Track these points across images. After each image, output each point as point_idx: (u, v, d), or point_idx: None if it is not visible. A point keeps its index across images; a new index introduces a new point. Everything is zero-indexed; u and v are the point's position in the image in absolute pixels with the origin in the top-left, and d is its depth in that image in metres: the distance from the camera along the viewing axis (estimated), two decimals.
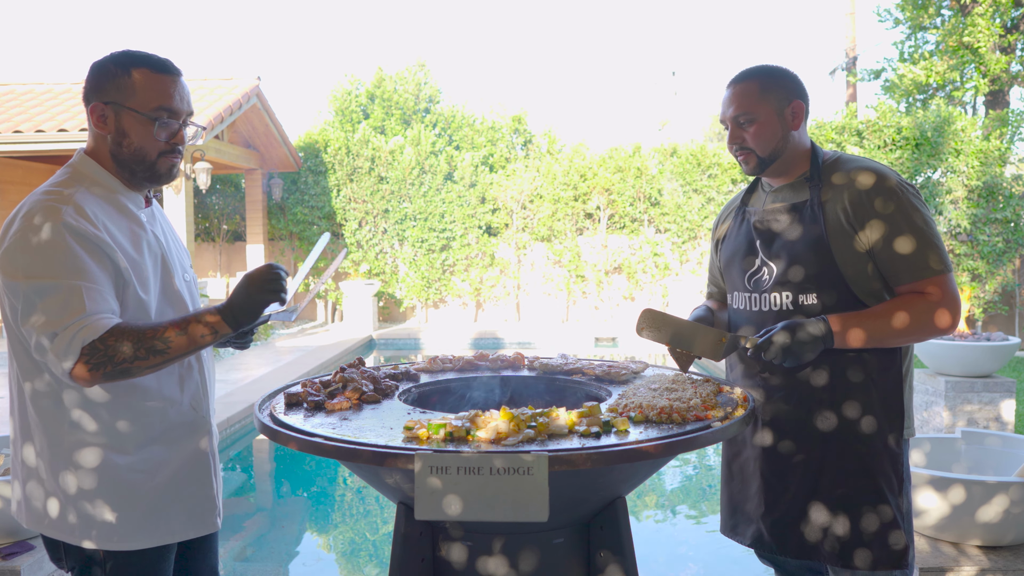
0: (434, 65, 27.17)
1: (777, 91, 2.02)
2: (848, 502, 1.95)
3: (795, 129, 2.04)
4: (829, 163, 2.04)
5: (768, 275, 2.05)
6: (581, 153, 13.65)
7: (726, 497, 2.21)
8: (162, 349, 1.56)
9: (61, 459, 1.66)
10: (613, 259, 13.39)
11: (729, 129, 2.07)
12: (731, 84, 2.07)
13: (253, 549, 4.34)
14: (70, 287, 1.52)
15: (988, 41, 14.30)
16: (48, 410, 1.66)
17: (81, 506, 1.66)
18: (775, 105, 2.02)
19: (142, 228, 1.75)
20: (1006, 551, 2.64)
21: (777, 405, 2.03)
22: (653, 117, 44.19)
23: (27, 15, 77.77)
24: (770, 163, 2.05)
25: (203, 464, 1.83)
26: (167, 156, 1.73)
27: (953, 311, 1.88)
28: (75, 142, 9.25)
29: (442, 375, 2.34)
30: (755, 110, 2.01)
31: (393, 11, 77.60)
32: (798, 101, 2.03)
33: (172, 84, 1.72)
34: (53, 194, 1.63)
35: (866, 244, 1.92)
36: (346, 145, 13.55)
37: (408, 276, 13.50)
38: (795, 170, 2.07)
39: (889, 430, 1.95)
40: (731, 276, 2.18)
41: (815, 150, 2.06)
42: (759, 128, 2.01)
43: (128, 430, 1.69)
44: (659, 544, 4.31)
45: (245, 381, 7.77)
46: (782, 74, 2.05)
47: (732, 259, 2.17)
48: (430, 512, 1.48)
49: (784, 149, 2.03)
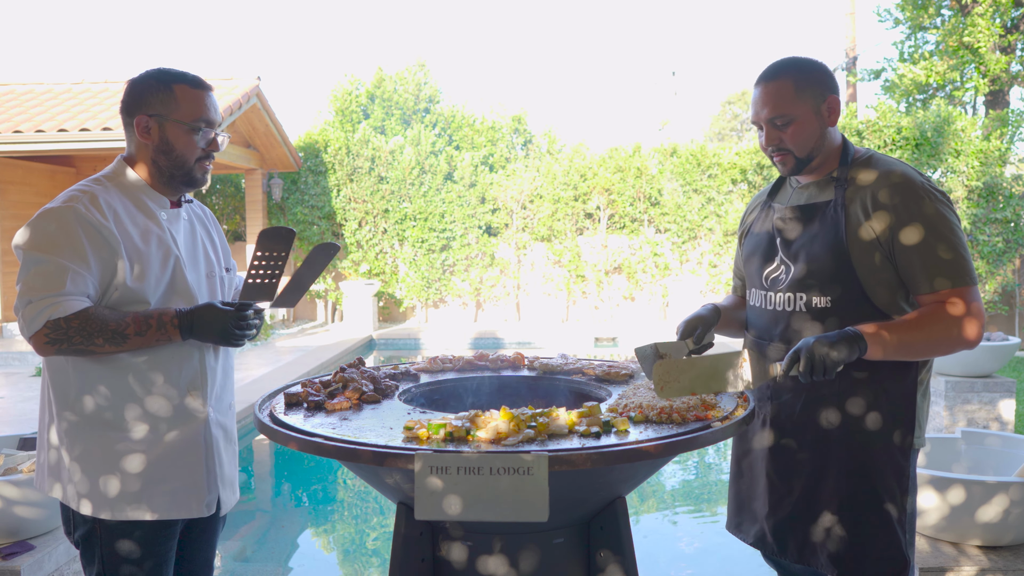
0: (434, 65, 27.19)
1: (813, 88, 1.92)
2: (849, 509, 1.90)
3: (831, 125, 1.96)
4: (860, 161, 1.96)
5: (785, 274, 1.99)
6: (581, 153, 13.65)
7: (733, 494, 2.17)
8: (119, 341, 1.74)
9: (66, 430, 1.83)
10: (613, 259, 13.39)
11: (764, 130, 1.97)
12: (761, 82, 1.96)
13: (253, 549, 4.34)
14: (57, 265, 1.72)
15: (988, 41, 14.30)
16: (59, 384, 1.84)
17: (80, 476, 1.82)
18: (812, 103, 1.92)
19: (159, 226, 1.90)
20: (1006, 551, 2.64)
21: (786, 405, 1.99)
22: (653, 117, 44.23)
23: (27, 15, 77.81)
24: (808, 163, 1.96)
25: (195, 449, 1.90)
26: (203, 162, 1.94)
27: (979, 325, 1.80)
28: (75, 142, 9.26)
29: (442, 375, 2.34)
30: (792, 110, 1.91)
31: (393, 11, 77.62)
32: (833, 96, 1.94)
33: (207, 98, 1.94)
34: (78, 188, 1.84)
35: (887, 250, 1.85)
36: (346, 145, 13.55)
37: (408, 276, 13.50)
38: (825, 167, 1.99)
39: (897, 438, 1.89)
40: (750, 272, 2.13)
41: (846, 146, 1.98)
42: (797, 128, 1.92)
43: (123, 407, 1.82)
44: (659, 544, 4.31)
45: (245, 381, 7.77)
46: (814, 68, 1.95)
47: (752, 255, 2.11)
48: (430, 512, 1.48)
49: (821, 148, 1.95)
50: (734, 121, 35.84)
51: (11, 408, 6.75)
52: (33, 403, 6.86)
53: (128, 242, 1.81)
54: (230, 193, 14.20)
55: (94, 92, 10.97)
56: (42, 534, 3.16)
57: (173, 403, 1.87)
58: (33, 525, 3.10)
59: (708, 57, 60.56)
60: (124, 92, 1.93)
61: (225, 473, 1.99)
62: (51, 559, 3.09)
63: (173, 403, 1.87)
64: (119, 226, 1.81)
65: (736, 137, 33.69)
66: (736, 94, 35.95)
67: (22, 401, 7.03)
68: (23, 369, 8.84)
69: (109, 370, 1.81)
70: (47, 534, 3.17)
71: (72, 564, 3.21)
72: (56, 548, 3.13)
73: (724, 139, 33.25)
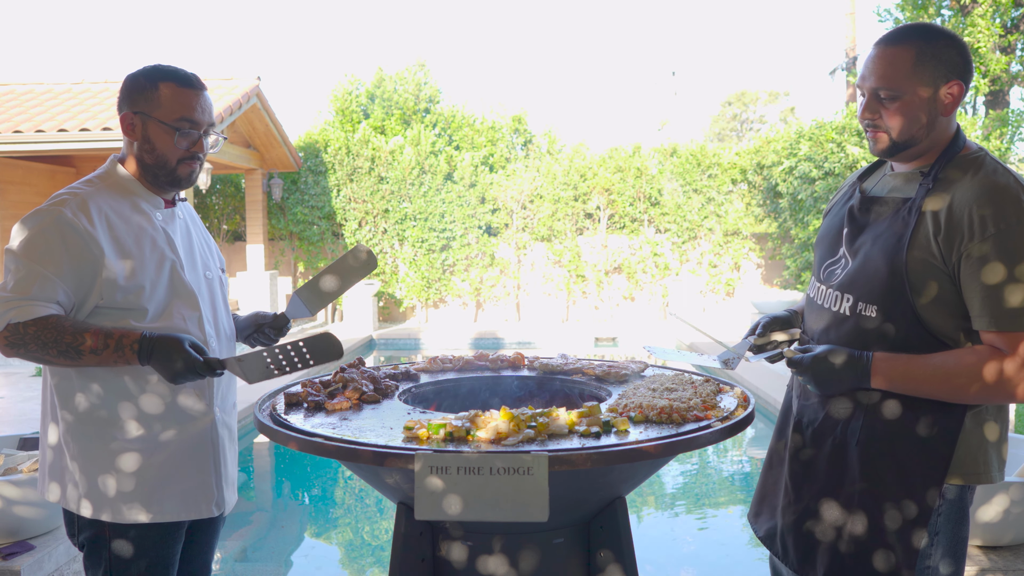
0: (434, 65, 27.17)
1: (935, 66, 1.63)
2: (852, 534, 1.70)
3: (945, 115, 1.66)
4: (965, 161, 1.66)
5: (841, 270, 1.77)
6: (581, 153, 13.66)
7: (761, 483, 2.01)
8: (73, 356, 1.68)
9: (70, 434, 1.80)
10: (613, 259, 13.39)
11: (865, 98, 1.70)
12: (880, 45, 1.69)
13: (253, 549, 4.34)
14: (31, 269, 1.70)
15: (988, 41, 14.30)
16: (62, 388, 1.81)
17: (83, 478, 1.79)
18: (929, 83, 1.64)
19: (153, 227, 1.87)
20: (1006, 551, 2.64)
21: (810, 409, 1.83)
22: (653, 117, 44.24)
23: (27, 15, 77.82)
24: (903, 149, 1.69)
25: (203, 451, 1.89)
26: (187, 162, 1.89)
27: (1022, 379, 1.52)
28: (75, 142, 9.25)
29: (442, 375, 2.34)
30: (902, 86, 1.64)
31: (393, 11, 77.64)
32: (958, 82, 1.65)
33: (195, 97, 1.87)
34: (69, 191, 1.81)
35: (953, 269, 1.58)
36: (346, 145, 13.55)
37: (408, 276, 13.50)
38: (926, 158, 1.71)
39: (925, 476, 1.62)
40: (816, 259, 1.91)
41: (956, 140, 1.69)
42: (902, 107, 1.65)
43: (131, 410, 1.80)
44: (659, 544, 4.31)
45: None
46: (947, 43, 1.65)
47: (821, 241, 1.90)
48: (430, 512, 1.48)
49: (925, 136, 1.67)
50: (734, 121, 35.86)
51: (11, 408, 6.75)
52: (33, 403, 6.86)
53: (119, 246, 1.78)
54: (230, 193, 14.20)
55: (94, 92, 10.97)
56: (42, 534, 3.16)
57: (181, 405, 1.85)
58: (33, 525, 3.10)
59: (708, 57, 60.59)
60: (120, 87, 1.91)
61: (230, 473, 1.99)
62: (51, 559, 3.09)
63: (181, 405, 1.85)
64: (110, 230, 1.78)
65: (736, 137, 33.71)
66: (735, 94, 35.97)
67: (22, 401, 7.03)
68: (23, 369, 8.84)
69: (113, 372, 1.78)
70: (47, 534, 3.17)
71: (72, 564, 3.21)
72: (56, 548, 3.13)
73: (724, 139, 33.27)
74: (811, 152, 11.34)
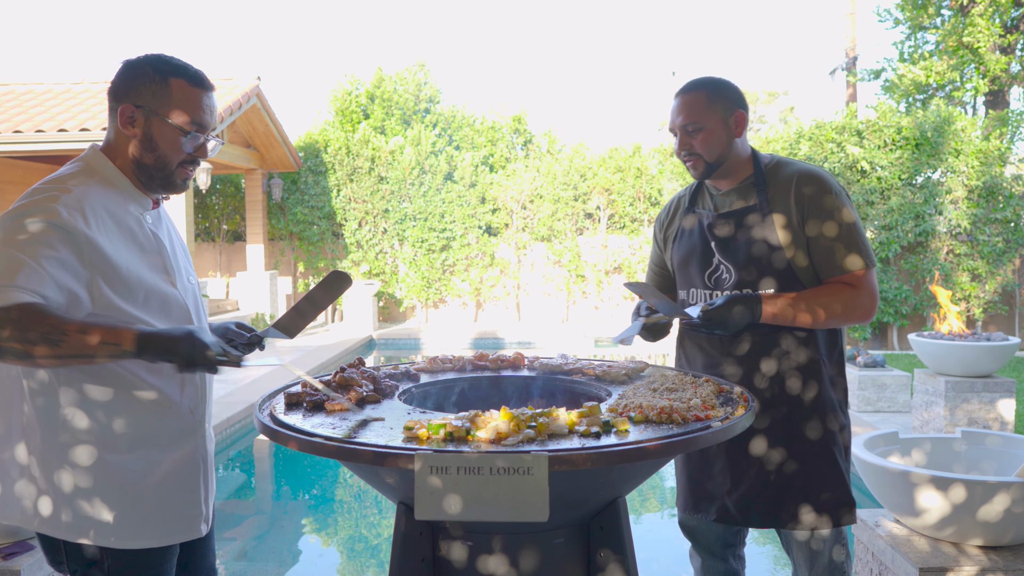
0: (434, 65, 27.18)
1: (722, 101, 2.20)
2: (805, 472, 2.16)
3: (738, 137, 2.21)
4: (771, 167, 2.24)
5: (727, 274, 2.23)
6: (581, 153, 13.66)
7: (684, 478, 2.35)
8: (55, 339, 1.48)
9: (55, 456, 1.65)
10: (613, 259, 13.39)
11: (678, 136, 2.23)
12: (679, 94, 2.24)
13: (253, 549, 4.34)
14: (16, 258, 1.51)
15: (988, 41, 14.31)
16: (43, 407, 1.65)
17: (77, 504, 1.65)
18: (721, 114, 2.19)
19: (142, 228, 1.75)
20: (1006, 551, 2.64)
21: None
22: (653, 117, 44.25)
23: (27, 15, 77.82)
24: (716, 168, 2.22)
25: (193, 470, 1.82)
26: (185, 167, 1.76)
27: (872, 303, 2.14)
28: (75, 142, 9.25)
29: (442, 375, 2.34)
30: (702, 119, 2.18)
31: (393, 11, 77.62)
32: (740, 111, 2.21)
33: (205, 98, 1.74)
34: (58, 183, 1.65)
35: (809, 239, 2.15)
36: (346, 145, 13.55)
37: (408, 276, 13.50)
38: (739, 174, 2.25)
39: (838, 402, 2.22)
40: (687, 274, 2.34)
41: (756, 156, 2.25)
42: (706, 136, 2.18)
43: (124, 430, 1.68)
44: (659, 544, 4.31)
45: (245, 381, 7.77)
46: (726, 86, 2.23)
47: (688, 259, 2.32)
48: (430, 512, 1.48)
49: (728, 155, 2.21)
50: None
51: None
52: None
53: (113, 248, 1.64)
54: (230, 193, 14.20)
55: (94, 92, 10.97)
56: None
57: (177, 423, 1.76)
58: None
59: (708, 57, 60.58)
60: (117, 72, 1.72)
61: (212, 487, 1.92)
62: None
63: (177, 423, 1.76)
64: (104, 230, 1.63)
65: None
66: None
67: None
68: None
69: (109, 393, 1.66)
70: None
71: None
72: None
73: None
74: (811, 152, 11.34)
